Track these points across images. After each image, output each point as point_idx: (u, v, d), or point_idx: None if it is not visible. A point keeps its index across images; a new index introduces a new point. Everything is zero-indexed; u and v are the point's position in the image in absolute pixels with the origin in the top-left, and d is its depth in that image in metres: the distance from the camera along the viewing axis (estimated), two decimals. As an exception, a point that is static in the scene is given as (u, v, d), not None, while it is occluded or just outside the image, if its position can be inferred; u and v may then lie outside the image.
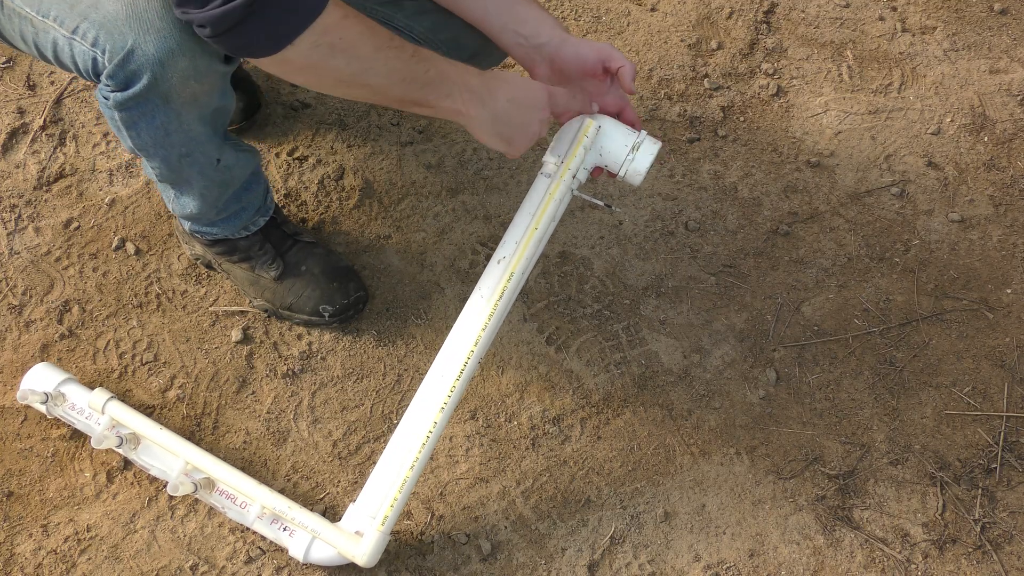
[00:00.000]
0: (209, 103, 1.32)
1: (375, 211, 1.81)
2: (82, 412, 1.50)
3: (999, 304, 1.78)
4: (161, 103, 1.26)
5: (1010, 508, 1.56)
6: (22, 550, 1.45)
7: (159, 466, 1.47)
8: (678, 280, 1.77)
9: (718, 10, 2.15)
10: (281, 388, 1.62)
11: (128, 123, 1.30)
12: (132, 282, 1.70)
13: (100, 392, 1.49)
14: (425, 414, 1.37)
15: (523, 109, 1.33)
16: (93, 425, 1.49)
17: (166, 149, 1.35)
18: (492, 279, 1.40)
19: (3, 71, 1.95)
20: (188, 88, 1.26)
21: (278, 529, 1.43)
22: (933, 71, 2.09)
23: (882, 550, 1.52)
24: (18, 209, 1.78)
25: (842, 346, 1.71)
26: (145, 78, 1.21)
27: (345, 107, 1.94)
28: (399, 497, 1.36)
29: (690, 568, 1.49)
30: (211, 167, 1.43)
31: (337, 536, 1.38)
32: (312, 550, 1.42)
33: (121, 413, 1.48)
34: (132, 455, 1.48)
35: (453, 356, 1.38)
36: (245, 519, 1.44)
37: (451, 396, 1.36)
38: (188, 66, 1.22)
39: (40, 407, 1.52)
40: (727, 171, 1.92)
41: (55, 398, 1.50)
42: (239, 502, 1.44)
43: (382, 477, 1.38)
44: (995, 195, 1.91)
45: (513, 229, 1.40)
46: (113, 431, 1.48)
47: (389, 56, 1.20)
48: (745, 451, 1.60)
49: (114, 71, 1.22)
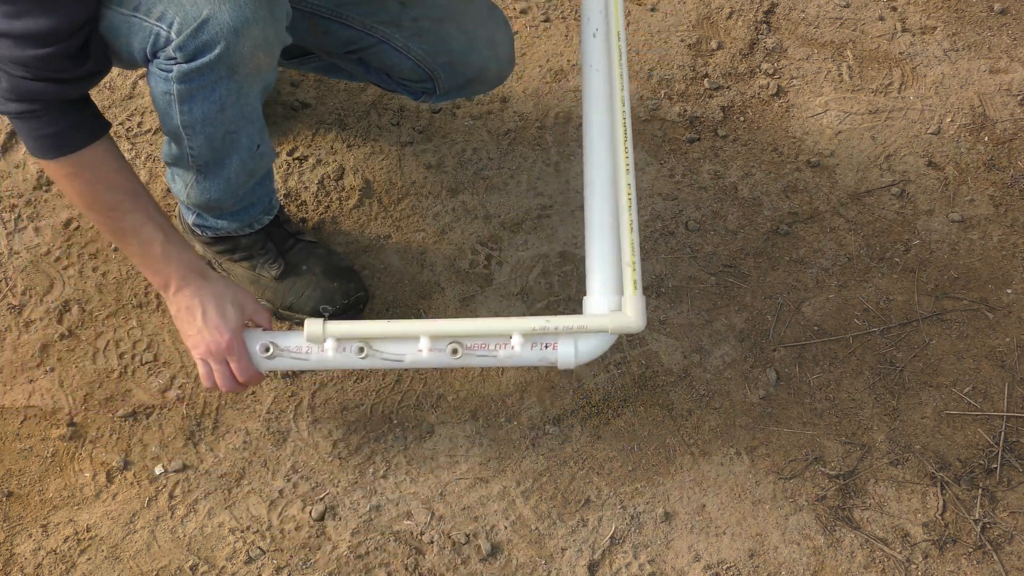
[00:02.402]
0: (267, 77, 1.35)
1: (375, 211, 1.81)
2: (303, 350, 1.41)
3: (999, 304, 1.78)
4: (227, 74, 1.27)
5: (1010, 508, 1.56)
6: (22, 550, 1.45)
7: (404, 351, 1.39)
8: (678, 280, 1.77)
9: (718, 10, 2.15)
10: (281, 388, 1.62)
11: (184, 96, 1.29)
12: (132, 282, 1.70)
13: (310, 323, 1.38)
14: (612, 183, 1.42)
15: (195, 328, 1.40)
16: (325, 355, 1.40)
17: (214, 127, 1.34)
18: (598, 53, 1.49)
19: (3, 71, 1.95)
20: (256, 59, 1.27)
21: (540, 350, 1.40)
22: (933, 71, 2.09)
23: (882, 550, 1.52)
24: (18, 209, 1.78)
25: (842, 346, 1.71)
26: (218, 48, 1.22)
27: (345, 107, 1.94)
28: (635, 259, 1.38)
29: (690, 568, 1.49)
30: (250, 151, 1.43)
31: (602, 320, 1.38)
32: (580, 349, 1.40)
33: (338, 330, 1.39)
34: (377, 361, 1.40)
35: (603, 128, 1.46)
36: (512, 357, 1.40)
37: (627, 153, 1.42)
38: (260, 35, 1.25)
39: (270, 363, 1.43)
40: (727, 171, 1.92)
41: (272, 349, 1.41)
42: (492, 346, 1.39)
43: (605, 255, 1.41)
44: (995, 195, 1.91)
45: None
46: (349, 347, 1.39)
47: (97, 220, 1.37)
48: (745, 451, 1.60)
49: (184, 41, 1.22)
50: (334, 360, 1.40)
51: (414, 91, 1.64)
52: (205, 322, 1.38)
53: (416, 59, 1.56)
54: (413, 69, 1.58)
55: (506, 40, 1.61)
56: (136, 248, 1.38)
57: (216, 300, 1.39)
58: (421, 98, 1.65)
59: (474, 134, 1.93)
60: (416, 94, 1.64)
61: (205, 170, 1.45)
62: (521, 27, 2.10)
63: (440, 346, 1.38)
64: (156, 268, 1.39)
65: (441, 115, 1.95)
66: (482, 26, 1.58)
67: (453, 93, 1.65)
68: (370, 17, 1.53)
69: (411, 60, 1.56)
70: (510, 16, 2.11)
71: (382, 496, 1.53)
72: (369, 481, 1.54)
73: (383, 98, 1.96)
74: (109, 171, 1.33)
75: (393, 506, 1.52)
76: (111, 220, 1.35)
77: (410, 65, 1.57)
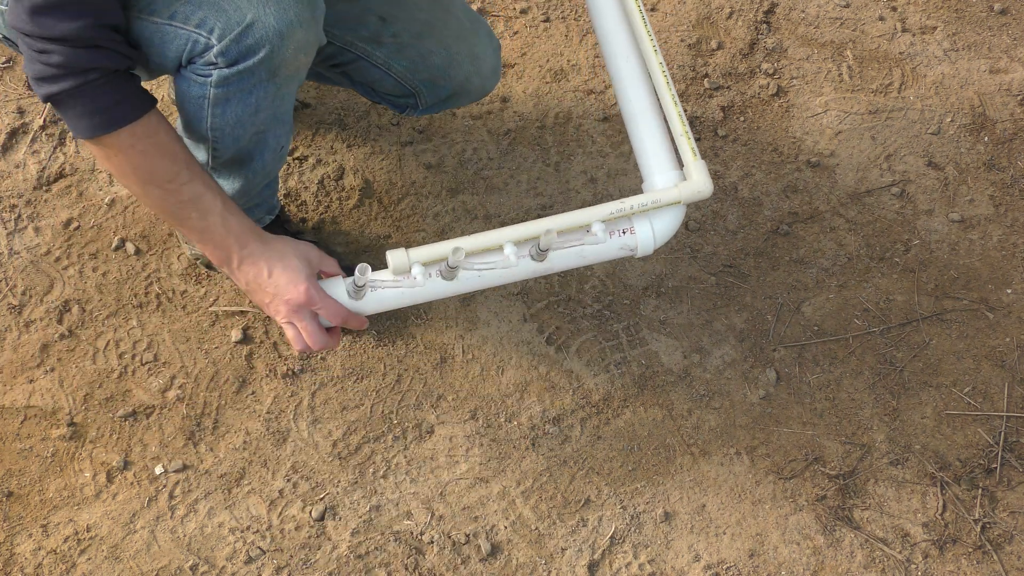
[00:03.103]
0: (302, 79, 1.35)
1: (375, 211, 1.81)
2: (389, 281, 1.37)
3: (999, 304, 1.78)
4: (267, 77, 1.26)
5: (1010, 508, 1.56)
6: (22, 550, 1.45)
7: (493, 260, 1.35)
8: (678, 280, 1.77)
9: (718, 10, 2.15)
10: (281, 388, 1.62)
11: (220, 100, 1.28)
12: (132, 282, 1.70)
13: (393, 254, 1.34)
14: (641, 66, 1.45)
15: (265, 291, 1.35)
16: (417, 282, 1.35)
17: (244, 129, 1.34)
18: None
19: (3, 71, 1.95)
20: (297, 60, 1.27)
21: (619, 236, 1.39)
22: (933, 71, 2.09)
23: (882, 550, 1.52)
24: (18, 209, 1.78)
25: (842, 346, 1.72)
26: (263, 52, 1.22)
27: (345, 107, 1.94)
28: (686, 129, 1.39)
29: (690, 568, 1.49)
30: (275, 152, 1.43)
31: (673, 192, 1.38)
32: (656, 228, 1.40)
33: (421, 254, 1.34)
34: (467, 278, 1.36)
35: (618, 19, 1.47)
36: (596, 249, 1.39)
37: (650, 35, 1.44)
38: (303, 38, 1.25)
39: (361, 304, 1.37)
40: (727, 171, 1.92)
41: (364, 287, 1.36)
42: (572, 240, 1.37)
43: (655, 134, 1.42)
44: (995, 195, 1.92)
45: None
46: (434, 273, 1.35)
47: (155, 195, 1.31)
48: (745, 451, 1.60)
49: (227, 47, 1.21)
50: (424, 286, 1.36)
51: (398, 105, 1.64)
52: (275, 281, 1.33)
53: (397, 76, 1.56)
54: (395, 85, 1.57)
55: (489, 54, 1.60)
56: (196, 221, 1.32)
57: (280, 258, 1.34)
58: (405, 111, 1.65)
59: (474, 134, 1.93)
60: (400, 108, 1.64)
61: (223, 169, 1.45)
62: (521, 27, 2.10)
63: (524, 252, 1.36)
64: (217, 240, 1.34)
65: (441, 115, 1.95)
66: (463, 40, 1.56)
67: (437, 107, 1.64)
68: (350, 33, 1.51)
69: (392, 77, 1.56)
70: (510, 16, 2.11)
71: (382, 496, 1.53)
72: (369, 481, 1.54)
73: (383, 98, 1.96)
74: (167, 140, 1.28)
75: (393, 506, 1.52)
76: (170, 193, 1.30)
77: (391, 81, 1.57)
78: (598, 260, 1.43)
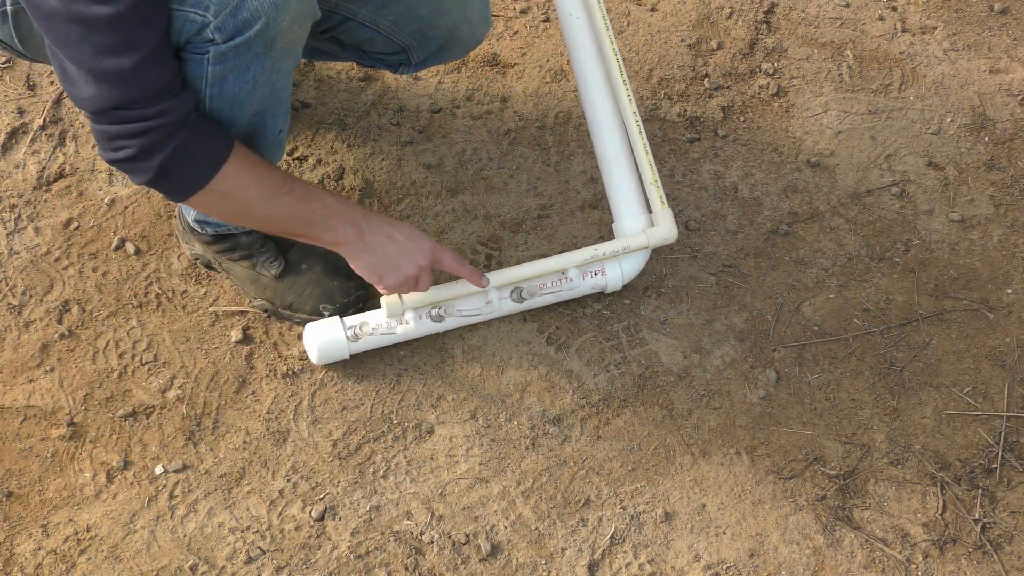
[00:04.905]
0: (299, 54, 1.35)
1: (375, 211, 1.81)
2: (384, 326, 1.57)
3: (999, 304, 1.78)
4: (263, 51, 1.26)
5: (1010, 508, 1.56)
6: (22, 550, 1.45)
7: (477, 306, 1.56)
8: (678, 280, 1.77)
9: (718, 10, 2.15)
10: (281, 388, 1.62)
11: (217, 78, 1.28)
12: (132, 282, 1.70)
13: (386, 300, 1.54)
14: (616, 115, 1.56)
15: (400, 249, 1.44)
16: (408, 326, 1.57)
17: (242, 108, 1.33)
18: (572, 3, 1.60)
19: (3, 71, 1.95)
20: (293, 32, 1.28)
21: (592, 278, 1.61)
22: (933, 71, 2.09)
23: (882, 550, 1.52)
24: (18, 209, 1.78)
25: (842, 346, 1.71)
26: (259, 24, 1.23)
27: (345, 107, 1.94)
28: (656, 178, 1.54)
29: (690, 568, 1.49)
30: (273, 136, 1.43)
31: (641, 238, 1.55)
32: (625, 269, 1.61)
33: (413, 300, 1.54)
34: (453, 320, 1.58)
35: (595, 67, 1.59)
36: (572, 289, 1.61)
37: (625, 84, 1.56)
38: (298, 8, 1.27)
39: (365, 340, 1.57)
40: (727, 171, 1.92)
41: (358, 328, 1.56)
42: (550, 284, 1.57)
43: (625, 180, 1.56)
44: (995, 195, 1.91)
45: None
46: (424, 316, 1.56)
47: (275, 203, 1.35)
48: (745, 451, 1.60)
49: (223, 22, 1.21)
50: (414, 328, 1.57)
51: (391, 63, 1.64)
52: (409, 238, 1.45)
53: (385, 32, 1.56)
54: (385, 42, 1.58)
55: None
56: (320, 209, 1.38)
57: (390, 220, 1.47)
58: (399, 69, 1.65)
59: (474, 134, 1.93)
60: (393, 66, 1.65)
61: None
62: (521, 27, 2.10)
63: (505, 294, 1.59)
64: (343, 216, 1.41)
65: (441, 115, 1.95)
66: None
67: (430, 60, 1.65)
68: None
69: (381, 33, 1.56)
70: (510, 16, 2.11)
71: (382, 496, 1.53)
72: (369, 481, 1.54)
73: (383, 98, 1.96)
74: (251, 151, 1.34)
75: (393, 506, 1.52)
76: (291, 195, 1.35)
77: (381, 39, 1.57)
78: (571, 297, 1.64)
